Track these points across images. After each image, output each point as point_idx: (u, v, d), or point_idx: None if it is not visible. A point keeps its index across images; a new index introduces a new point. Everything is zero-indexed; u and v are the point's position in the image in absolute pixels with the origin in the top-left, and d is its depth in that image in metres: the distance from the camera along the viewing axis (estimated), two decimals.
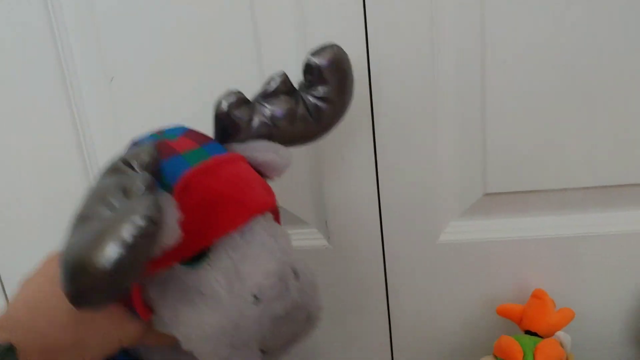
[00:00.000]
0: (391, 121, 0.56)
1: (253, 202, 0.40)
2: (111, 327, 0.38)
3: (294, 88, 0.46)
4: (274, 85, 0.45)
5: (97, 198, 0.31)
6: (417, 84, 0.55)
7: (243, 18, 0.55)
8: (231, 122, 0.44)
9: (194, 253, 0.37)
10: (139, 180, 0.31)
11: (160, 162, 0.35)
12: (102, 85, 0.59)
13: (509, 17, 0.52)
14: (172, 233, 0.32)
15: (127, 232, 0.28)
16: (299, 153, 0.59)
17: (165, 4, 0.55)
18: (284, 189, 0.60)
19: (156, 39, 0.57)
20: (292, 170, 0.60)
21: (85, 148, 0.62)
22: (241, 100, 0.44)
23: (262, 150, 0.44)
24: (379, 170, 0.58)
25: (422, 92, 0.55)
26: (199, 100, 0.58)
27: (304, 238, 0.62)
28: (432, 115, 0.56)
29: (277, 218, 0.45)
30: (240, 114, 0.44)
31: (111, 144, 0.61)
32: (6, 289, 0.70)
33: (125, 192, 0.31)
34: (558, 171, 0.57)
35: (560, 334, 0.56)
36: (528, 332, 0.57)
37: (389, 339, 0.66)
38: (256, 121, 0.44)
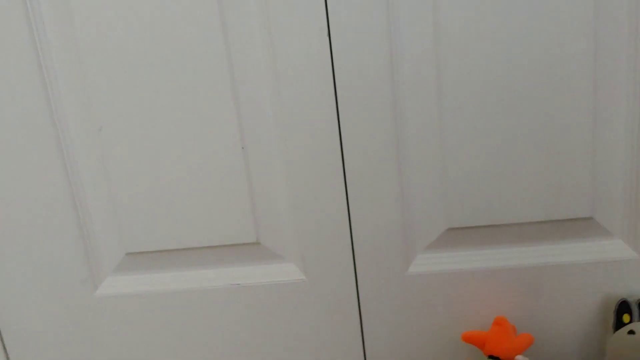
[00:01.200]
0: (360, 165, 0.61)
1: None
2: None
3: None
4: None
5: None
6: (381, 130, 0.60)
7: (220, 70, 0.60)
8: None
9: None
10: None
11: None
12: (91, 135, 0.63)
13: (464, 54, 0.58)
14: None
15: None
16: (275, 188, 0.64)
17: (150, 53, 0.60)
18: (262, 227, 0.65)
19: (143, 89, 0.61)
20: (269, 207, 0.64)
21: (77, 196, 0.65)
22: None
23: None
24: (350, 209, 0.63)
25: (387, 136, 0.60)
26: (185, 147, 0.62)
27: (282, 273, 0.67)
28: (396, 158, 0.61)
29: None
30: None
31: (101, 191, 0.65)
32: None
33: None
34: (514, 207, 0.62)
35: (519, 357, 0.61)
36: (491, 357, 0.61)
37: None
38: None
